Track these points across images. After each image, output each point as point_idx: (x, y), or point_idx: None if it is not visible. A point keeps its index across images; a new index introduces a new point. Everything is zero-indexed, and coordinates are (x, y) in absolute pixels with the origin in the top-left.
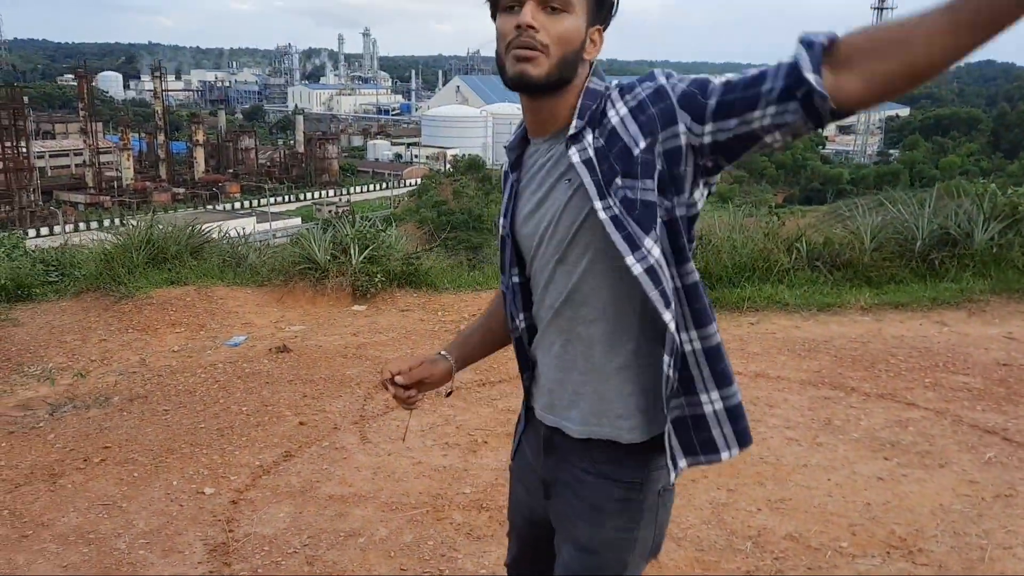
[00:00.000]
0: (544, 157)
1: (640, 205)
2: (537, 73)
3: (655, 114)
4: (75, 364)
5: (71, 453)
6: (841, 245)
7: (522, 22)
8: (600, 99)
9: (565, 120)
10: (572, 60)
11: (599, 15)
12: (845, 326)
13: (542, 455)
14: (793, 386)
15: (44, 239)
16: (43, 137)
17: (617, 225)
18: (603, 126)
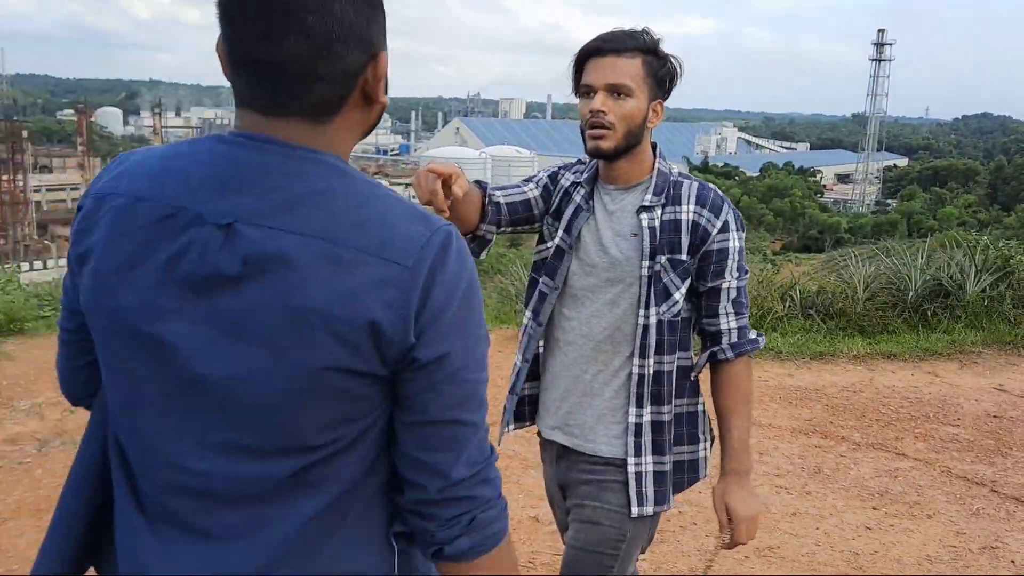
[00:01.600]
0: (613, 204)
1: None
2: (607, 146)
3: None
4: (65, 400)
5: (58, 489)
6: (835, 294)
7: (594, 108)
8: (668, 182)
9: (633, 180)
10: (636, 131)
11: (660, 91)
12: (837, 375)
13: (555, 464)
14: (784, 434)
15: (38, 272)
16: (41, 171)
17: (654, 281)
18: (672, 209)
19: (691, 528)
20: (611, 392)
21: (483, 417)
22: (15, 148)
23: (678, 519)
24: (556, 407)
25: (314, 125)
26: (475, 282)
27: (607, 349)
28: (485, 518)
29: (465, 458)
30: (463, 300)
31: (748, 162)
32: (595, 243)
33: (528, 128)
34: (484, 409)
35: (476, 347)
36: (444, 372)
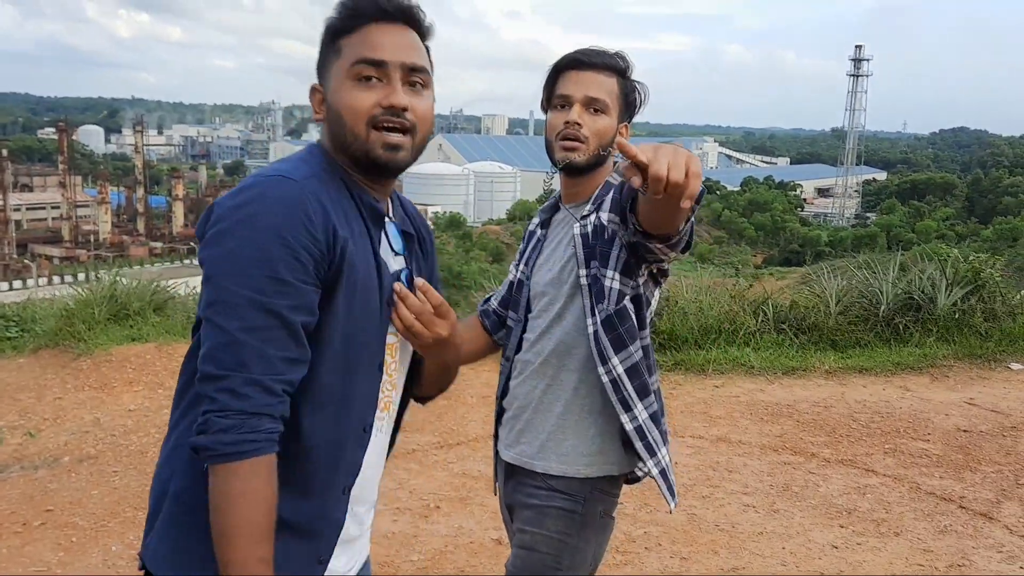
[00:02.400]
0: (565, 222)
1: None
2: (578, 159)
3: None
4: (27, 423)
5: (11, 516)
6: (807, 308)
7: (571, 119)
8: (610, 188)
9: (586, 197)
10: (606, 148)
11: (627, 113)
12: (809, 390)
13: (503, 483)
14: (754, 451)
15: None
16: (21, 190)
17: (592, 284)
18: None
19: (656, 549)
20: (561, 407)
21: (238, 328)
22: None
23: (643, 539)
24: (510, 426)
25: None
26: (252, 217)
27: (553, 363)
28: (218, 424)
29: (211, 356)
30: (231, 223)
31: (729, 177)
32: (545, 264)
33: (511, 144)
34: (239, 321)
35: (228, 262)
36: (204, 274)
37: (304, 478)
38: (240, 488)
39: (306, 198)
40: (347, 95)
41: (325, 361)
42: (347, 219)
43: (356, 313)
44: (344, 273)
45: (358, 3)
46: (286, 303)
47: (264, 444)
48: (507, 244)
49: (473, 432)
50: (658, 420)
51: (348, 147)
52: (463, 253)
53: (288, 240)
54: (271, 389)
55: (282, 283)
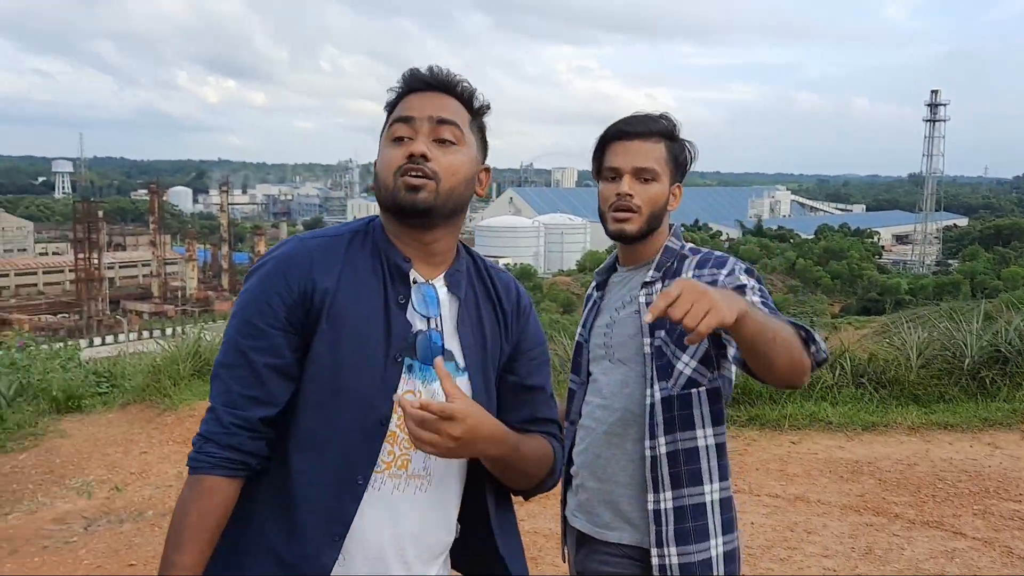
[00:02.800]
0: (625, 286)
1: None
2: (632, 228)
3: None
4: (114, 477)
5: (98, 570)
6: (887, 361)
7: (622, 191)
8: (675, 258)
9: (646, 259)
10: (659, 214)
11: (678, 175)
12: (891, 447)
13: (574, 550)
14: (834, 511)
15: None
16: (115, 249)
17: (656, 356)
18: (672, 281)
19: None
20: (626, 478)
21: (219, 363)
22: (91, 227)
23: None
24: (579, 494)
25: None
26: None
27: (619, 432)
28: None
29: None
30: (247, 276)
31: (803, 225)
32: (605, 327)
33: (580, 195)
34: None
35: (234, 309)
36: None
37: (290, 516)
38: (182, 496)
39: (296, 253)
40: (383, 154)
41: (307, 406)
42: (354, 272)
43: (346, 363)
44: (323, 321)
45: (406, 78)
46: (251, 344)
47: (205, 466)
48: (577, 295)
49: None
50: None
51: (383, 200)
52: (535, 304)
53: (266, 290)
54: (220, 420)
55: (252, 327)
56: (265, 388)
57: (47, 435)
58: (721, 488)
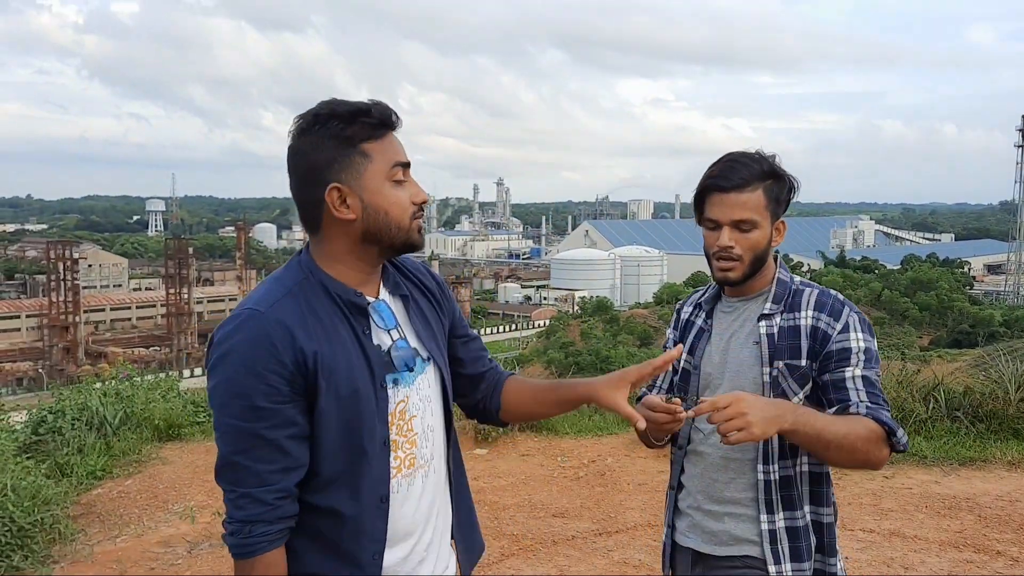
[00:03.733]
0: (735, 314)
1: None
2: (735, 276)
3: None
4: (215, 503)
5: None
6: (983, 395)
7: (723, 244)
8: (788, 290)
9: (756, 291)
10: (762, 256)
11: (779, 211)
12: (990, 483)
13: (690, 569)
14: (932, 547)
15: (198, 379)
16: (203, 284)
17: (773, 386)
18: (791, 315)
19: None
20: (747, 500)
21: (230, 451)
22: (181, 263)
23: None
24: (692, 512)
25: (312, 236)
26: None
27: (736, 457)
28: (227, 527)
29: (217, 473)
30: (214, 361)
31: (888, 255)
32: (718, 355)
33: (656, 228)
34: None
35: (215, 396)
36: (209, 402)
37: (339, 549)
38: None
39: (271, 329)
40: (391, 194)
41: (326, 454)
42: (320, 325)
43: (347, 407)
44: (321, 380)
45: (381, 117)
46: (265, 424)
47: (258, 546)
48: (654, 327)
49: (632, 519)
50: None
51: (390, 237)
52: (610, 337)
53: (259, 371)
54: (262, 500)
55: (259, 409)
56: (291, 456)
57: (150, 462)
58: (827, 513)
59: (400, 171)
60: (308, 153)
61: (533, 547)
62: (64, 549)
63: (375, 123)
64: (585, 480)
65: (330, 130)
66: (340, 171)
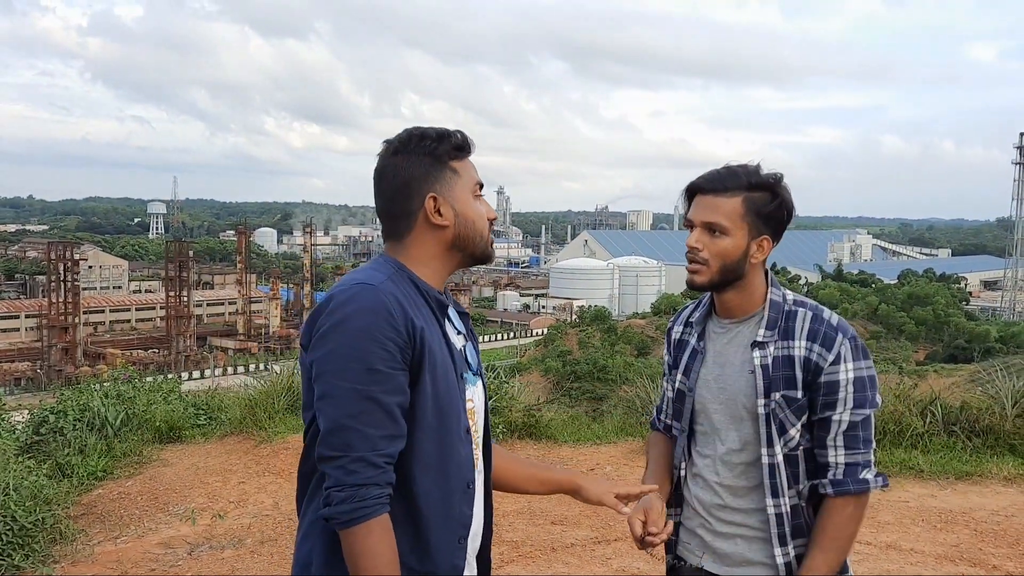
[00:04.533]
0: (727, 337)
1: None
2: (699, 280)
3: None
4: (215, 505)
5: None
6: (980, 410)
7: (688, 244)
8: (782, 313)
9: (746, 313)
10: (733, 267)
11: (766, 227)
12: (986, 497)
13: None
14: (928, 561)
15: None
16: (203, 287)
17: (771, 418)
18: (785, 344)
19: None
20: (756, 525)
21: (343, 415)
22: (182, 266)
23: None
24: (701, 532)
25: (395, 243)
26: (345, 320)
27: (743, 484)
28: (336, 496)
29: (324, 440)
30: (329, 328)
31: (885, 269)
32: (713, 380)
33: (655, 239)
34: (343, 409)
35: (331, 362)
36: (314, 373)
37: (425, 534)
38: (362, 546)
39: (386, 299)
40: (475, 207)
41: (424, 431)
42: (419, 311)
43: (441, 388)
44: (426, 356)
45: (459, 138)
46: (380, 388)
47: (373, 509)
48: (652, 338)
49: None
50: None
51: (475, 245)
52: (608, 347)
53: (377, 336)
54: (374, 463)
55: (376, 372)
56: (398, 424)
57: (151, 463)
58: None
59: (479, 189)
60: (403, 168)
61: (532, 554)
62: (65, 549)
63: (459, 145)
64: None
65: (425, 148)
66: (435, 183)
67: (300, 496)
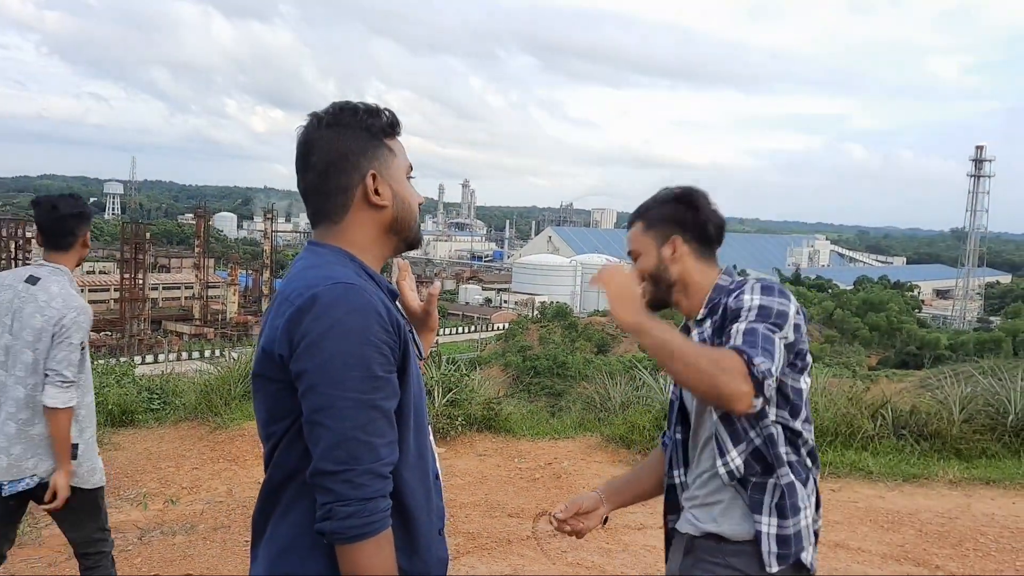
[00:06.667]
0: (694, 337)
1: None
2: (647, 302)
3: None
4: (167, 490)
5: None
6: (928, 414)
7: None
8: (724, 292)
9: (698, 309)
10: (660, 277)
11: (674, 228)
12: (932, 499)
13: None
14: (874, 560)
15: (149, 366)
16: (159, 270)
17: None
18: (718, 316)
19: None
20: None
21: (348, 427)
22: (138, 248)
23: None
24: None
25: (329, 226)
26: (336, 325)
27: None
28: (341, 511)
29: (325, 454)
30: (318, 335)
31: (842, 275)
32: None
33: (619, 237)
34: (348, 421)
35: (328, 371)
36: (304, 384)
37: (414, 531)
38: (368, 562)
39: (372, 299)
40: (410, 190)
41: (409, 428)
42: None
43: (415, 382)
44: (409, 353)
45: (395, 120)
46: (381, 395)
47: (381, 522)
48: (612, 335)
49: None
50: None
51: (409, 229)
52: (569, 343)
53: (372, 340)
54: (381, 474)
55: (376, 379)
56: (394, 429)
57: (102, 447)
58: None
59: (410, 171)
60: (338, 141)
61: (488, 546)
62: None
63: (392, 122)
64: (541, 481)
65: (360, 123)
66: (373, 160)
67: (267, 509)
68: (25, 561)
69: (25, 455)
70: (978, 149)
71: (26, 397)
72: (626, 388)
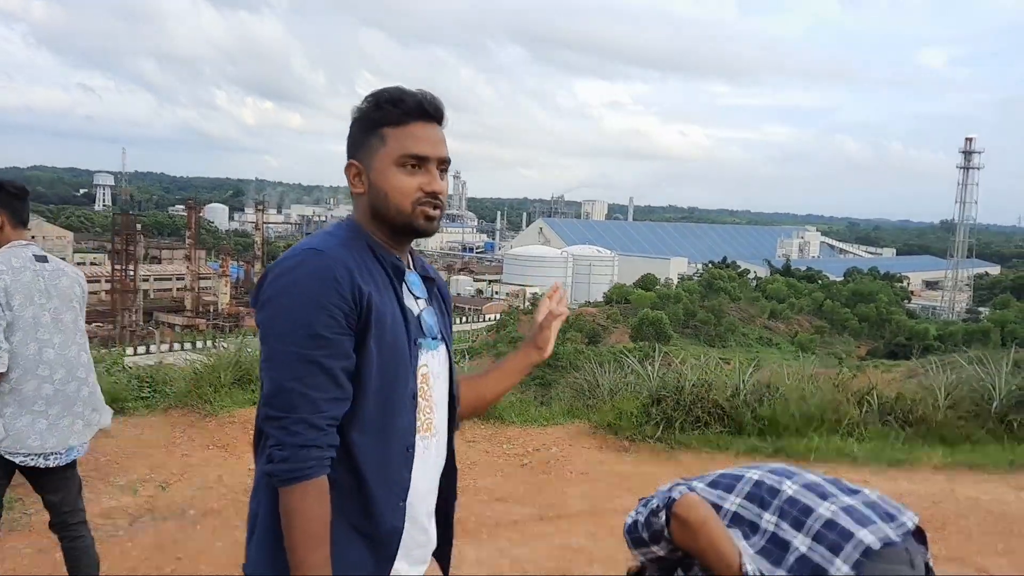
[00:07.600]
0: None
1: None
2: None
3: None
4: (157, 477)
5: (145, 562)
6: (914, 401)
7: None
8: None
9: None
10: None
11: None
12: (916, 484)
13: None
14: None
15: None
16: (150, 262)
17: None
18: None
19: None
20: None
21: (286, 378)
22: (129, 240)
23: None
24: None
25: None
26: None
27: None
28: (277, 455)
29: (267, 400)
30: (274, 292)
31: (832, 266)
32: None
33: (609, 229)
34: (287, 372)
35: (275, 325)
36: (260, 334)
37: (364, 495)
38: (296, 505)
39: (333, 264)
40: (394, 179)
41: (367, 395)
42: (371, 276)
43: (387, 353)
44: (372, 321)
45: (407, 102)
46: (323, 353)
47: (312, 469)
48: (603, 326)
49: (573, 507)
50: None
51: (391, 219)
52: (560, 334)
53: (322, 302)
54: (316, 425)
55: (319, 337)
56: (342, 388)
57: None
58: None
59: (412, 161)
60: (349, 131)
61: (475, 530)
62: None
63: (403, 112)
64: (529, 467)
65: (360, 112)
66: (358, 150)
67: (255, 448)
68: (13, 547)
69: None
70: (967, 141)
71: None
72: (614, 375)
